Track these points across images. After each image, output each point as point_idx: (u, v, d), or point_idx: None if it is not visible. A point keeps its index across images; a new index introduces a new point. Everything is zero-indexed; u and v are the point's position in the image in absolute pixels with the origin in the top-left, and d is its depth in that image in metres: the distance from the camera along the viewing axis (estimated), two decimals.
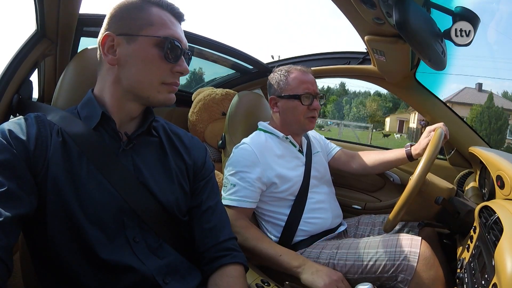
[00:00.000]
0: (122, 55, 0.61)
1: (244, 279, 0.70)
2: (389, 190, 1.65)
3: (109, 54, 0.61)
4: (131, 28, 0.61)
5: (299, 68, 1.14)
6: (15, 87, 0.89)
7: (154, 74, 0.62)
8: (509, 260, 0.50)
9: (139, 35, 0.60)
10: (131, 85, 0.62)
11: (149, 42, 0.60)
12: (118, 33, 0.61)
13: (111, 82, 0.63)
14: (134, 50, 0.60)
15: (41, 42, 0.93)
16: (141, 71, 0.61)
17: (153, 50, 0.61)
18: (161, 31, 0.61)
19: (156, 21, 0.61)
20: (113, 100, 0.64)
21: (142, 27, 0.60)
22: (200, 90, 1.76)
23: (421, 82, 1.41)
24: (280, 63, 1.76)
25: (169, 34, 0.62)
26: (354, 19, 0.95)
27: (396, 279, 0.88)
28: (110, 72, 0.63)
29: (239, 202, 1.01)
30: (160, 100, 0.64)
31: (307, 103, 1.09)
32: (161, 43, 0.61)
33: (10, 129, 0.55)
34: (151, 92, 0.63)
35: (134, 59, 0.61)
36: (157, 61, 0.61)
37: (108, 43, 0.61)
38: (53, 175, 0.56)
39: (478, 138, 1.38)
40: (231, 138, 1.26)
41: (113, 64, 0.62)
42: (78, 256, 0.56)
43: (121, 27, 0.61)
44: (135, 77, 0.62)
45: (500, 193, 0.87)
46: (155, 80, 0.62)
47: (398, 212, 0.89)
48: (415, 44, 0.75)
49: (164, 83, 0.63)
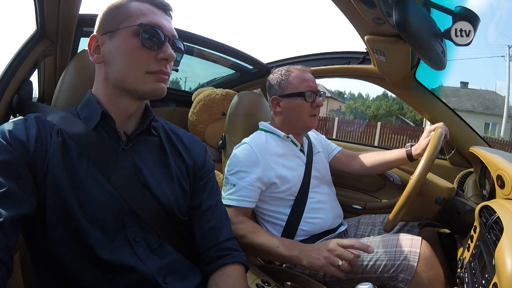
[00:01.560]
0: (106, 52, 0.62)
1: (245, 279, 0.69)
2: (389, 190, 1.65)
3: (95, 53, 0.63)
4: (112, 25, 0.62)
5: (299, 68, 1.15)
6: (15, 87, 0.89)
7: (136, 65, 0.61)
8: (510, 259, 0.50)
9: (118, 29, 0.61)
10: (117, 80, 0.63)
11: (127, 34, 0.61)
12: (101, 32, 0.63)
13: (102, 81, 0.65)
14: (115, 44, 0.61)
15: (41, 42, 0.93)
16: (124, 64, 0.61)
17: (132, 40, 0.60)
18: (138, 20, 0.61)
19: (133, 12, 0.62)
20: (106, 98, 0.65)
21: (121, 21, 0.61)
22: (200, 90, 1.76)
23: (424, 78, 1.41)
24: (280, 63, 1.76)
25: (146, 21, 0.61)
26: (354, 19, 0.95)
27: (396, 279, 0.88)
28: (100, 71, 0.65)
29: (239, 202, 1.01)
30: (147, 91, 0.62)
31: (310, 100, 1.10)
32: (141, 32, 0.60)
33: (10, 129, 0.55)
34: (137, 83, 0.62)
35: (116, 53, 0.62)
36: (138, 50, 0.60)
37: (93, 44, 0.63)
38: (53, 176, 0.56)
39: (478, 138, 1.38)
40: (231, 138, 1.26)
41: (99, 62, 0.63)
42: (78, 256, 0.56)
43: (103, 27, 0.63)
44: (119, 71, 0.62)
45: (500, 193, 0.87)
46: (139, 71, 0.61)
47: (398, 212, 0.89)
48: (415, 44, 0.75)
49: (149, 72, 0.62)
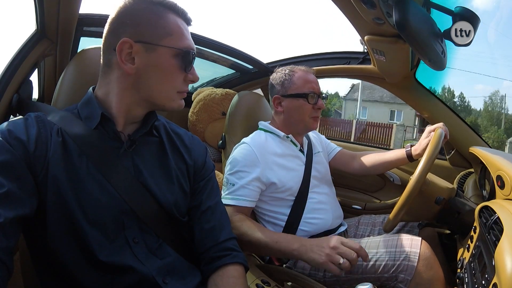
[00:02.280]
0: (142, 65, 0.60)
1: (244, 279, 0.69)
2: (389, 190, 1.65)
3: (128, 62, 0.59)
4: (151, 36, 0.59)
5: (303, 68, 1.15)
6: (15, 87, 0.89)
7: (172, 84, 0.63)
8: (509, 260, 0.50)
9: (159, 45, 0.60)
10: (149, 95, 0.63)
11: (169, 53, 0.61)
12: (136, 39, 0.59)
13: (123, 89, 0.62)
14: (155, 60, 0.60)
15: (41, 42, 0.93)
16: (161, 81, 0.62)
17: (173, 61, 0.62)
18: (180, 42, 0.62)
19: (175, 31, 0.62)
20: (122, 105, 0.63)
21: (162, 37, 0.60)
22: (200, 90, 1.76)
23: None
24: (281, 63, 1.76)
25: (188, 46, 0.63)
26: (354, 19, 0.95)
27: (396, 279, 0.88)
28: (123, 79, 0.61)
29: (238, 201, 1.01)
30: (174, 107, 0.66)
31: (312, 102, 1.10)
32: (181, 55, 0.62)
33: (10, 129, 0.55)
34: (167, 101, 0.65)
35: (154, 69, 0.61)
36: (176, 71, 0.63)
37: (125, 50, 0.59)
38: (53, 176, 0.56)
39: (478, 138, 1.38)
40: (231, 138, 1.26)
41: (131, 73, 0.60)
42: (78, 256, 0.56)
43: (139, 34, 0.59)
44: (154, 87, 0.62)
45: (500, 193, 0.87)
46: (172, 90, 0.64)
47: (398, 212, 0.89)
48: (415, 44, 0.75)
49: (179, 92, 0.65)
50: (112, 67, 0.62)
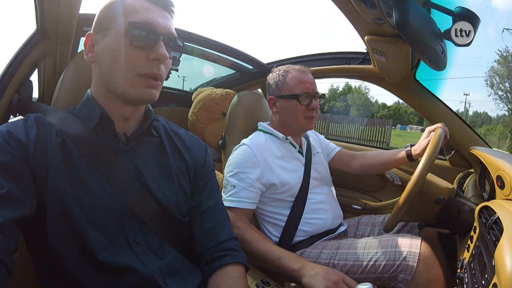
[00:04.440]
0: (99, 51, 0.61)
1: (245, 279, 0.69)
2: (389, 190, 1.66)
3: (89, 52, 0.62)
4: (105, 23, 0.60)
5: (298, 68, 1.14)
6: (15, 87, 0.89)
7: (127, 65, 0.57)
8: (509, 260, 0.50)
9: (110, 28, 0.60)
10: (107, 80, 0.61)
11: (118, 32, 0.58)
12: (96, 31, 0.62)
13: (96, 81, 0.64)
14: (107, 43, 0.59)
15: (41, 42, 0.93)
16: (112, 64, 0.58)
17: (123, 39, 0.57)
18: (130, 18, 0.57)
19: (126, 10, 0.58)
20: (102, 99, 0.63)
21: (114, 20, 0.59)
22: (200, 90, 1.76)
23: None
24: (280, 63, 1.76)
25: (137, 19, 0.57)
26: (354, 19, 0.95)
27: (396, 279, 0.88)
28: (95, 71, 0.64)
29: (239, 203, 1.01)
30: (134, 95, 0.59)
31: (305, 102, 1.09)
32: (132, 30, 0.57)
33: (10, 130, 0.55)
34: (125, 86, 0.58)
35: (107, 53, 0.59)
36: (128, 50, 0.57)
37: (89, 42, 0.62)
38: (52, 177, 0.56)
39: (478, 138, 1.38)
40: (231, 138, 1.26)
41: (92, 62, 0.62)
42: (78, 257, 0.56)
43: (98, 25, 0.62)
44: (108, 71, 0.60)
45: (500, 193, 0.87)
46: (129, 72, 0.58)
47: (398, 212, 0.89)
48: (415, 44, 0.75)
49: (139, 75, 0.58)
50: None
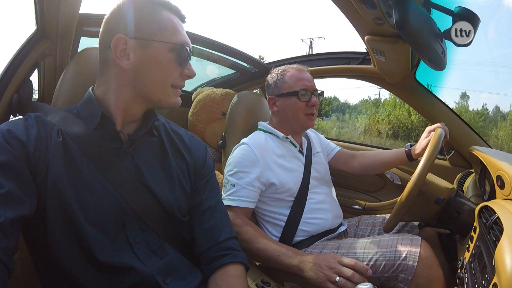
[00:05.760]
0: (137, 60, 0.61)
1: (245, 278, 0.69)
2: (389, 190, 1.66)
3: (123, 58, 0.61)
4: (145, 32, 0.61)
5: (295, 67, 1.15)
6: (15, 87, 0.89)
7: (167, 78, 0.64)
8: (509, 260, 0.50)
9: (154, 40, 0.61)
10: (144, 90, 0.63)
11: (164, 47, 0.62)
12: (130, 36, 0.60)
13: (120, 85, 0.63)
14: (150, 55, 0.61)
15: (41, 42, 0.93)
16: (156, 76, 0.62)
17: (169, 55, 0.62)
18: (175, 37, 0.63)
19: (169, 26, 0.63)
20: (119, 102, 0.64)
21: (156, 32, 0.61)
22: (200, 90, 1.76)
23: None
24: (280, 63, 1.76)
25: (182, 40, 0.64)
26: (354, 19, 0.95)
27: (396, 279, 0.88)
28: (120, 76, 0.62)
29: (239, 202, 1.01)
30: (170, 103, 0.66)
31: (305, 99, 1.09)
32: (176, 49, 0.63)
33: (10, 129, 0.55)
34: (163, 95, 0.64)
35: (149, 64, 0.62)
36: (172, 65, 0.63)
37: (120, 46, 0.60)
38: (53, 176, 0.56)
39: (478, 138, 1.38)
40: (231, 138, 1.26)
41: (127, 69, 0.61)
42: (79, 256, 0.56)
43: (133, 30, 0.61)
44: (150, 82, 0.63)
45: (500, 193, 0.87)
46: (167, 83, 0.64)
47: (398, 212, 0.89)
48: (415, 44, 0.75)
49: (173, 86, 0.65)
50: (109, 64, 0.63)
